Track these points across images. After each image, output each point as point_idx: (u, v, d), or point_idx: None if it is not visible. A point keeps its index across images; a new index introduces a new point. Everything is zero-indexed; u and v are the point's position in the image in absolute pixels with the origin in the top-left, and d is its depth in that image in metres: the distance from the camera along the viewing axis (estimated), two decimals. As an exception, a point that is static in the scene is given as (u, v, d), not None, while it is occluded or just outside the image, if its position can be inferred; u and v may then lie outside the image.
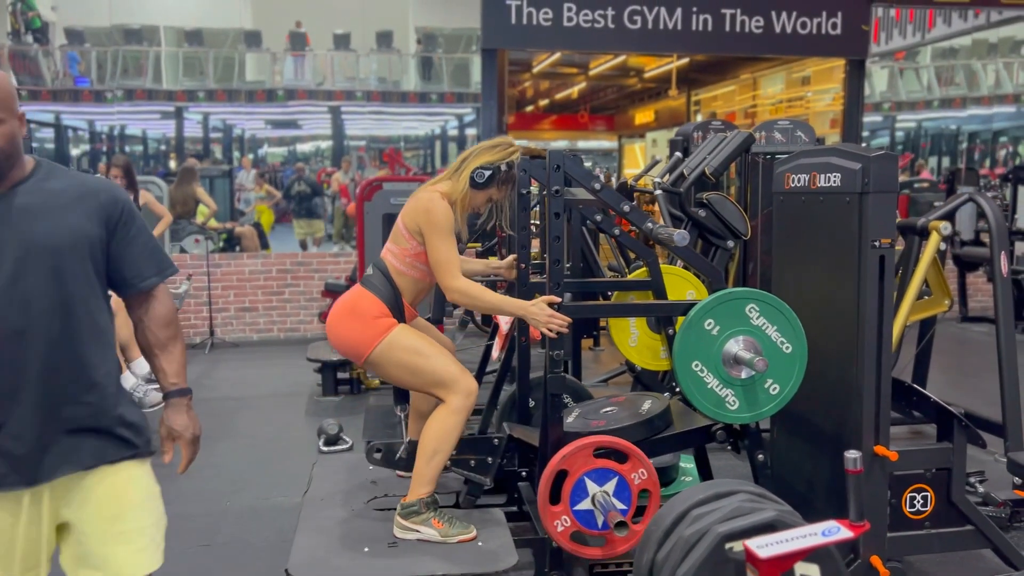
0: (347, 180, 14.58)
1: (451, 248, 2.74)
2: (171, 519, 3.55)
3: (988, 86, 20.69)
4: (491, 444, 3.01)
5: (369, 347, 2.77)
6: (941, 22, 10.30)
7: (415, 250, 2.82)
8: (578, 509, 2.66)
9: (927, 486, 2.89)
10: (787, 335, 2.74)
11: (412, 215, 2.80)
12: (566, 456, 2.64)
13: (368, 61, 18.42)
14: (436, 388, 2.77)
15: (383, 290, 2.83)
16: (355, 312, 2.81)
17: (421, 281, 2.89)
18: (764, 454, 2.87)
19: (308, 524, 2.85)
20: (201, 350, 7.02)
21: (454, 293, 2.73)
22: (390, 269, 2.86)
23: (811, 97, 13.94)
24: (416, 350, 2.77)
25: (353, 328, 2.80)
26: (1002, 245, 4.35)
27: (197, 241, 8.01)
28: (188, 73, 18.72)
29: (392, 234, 2.90)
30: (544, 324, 2.66)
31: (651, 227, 2.74)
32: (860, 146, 2.95)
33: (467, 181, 2.83)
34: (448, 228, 2.75)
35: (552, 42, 7.76)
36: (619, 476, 2.67)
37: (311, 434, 4.73)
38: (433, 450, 2.75)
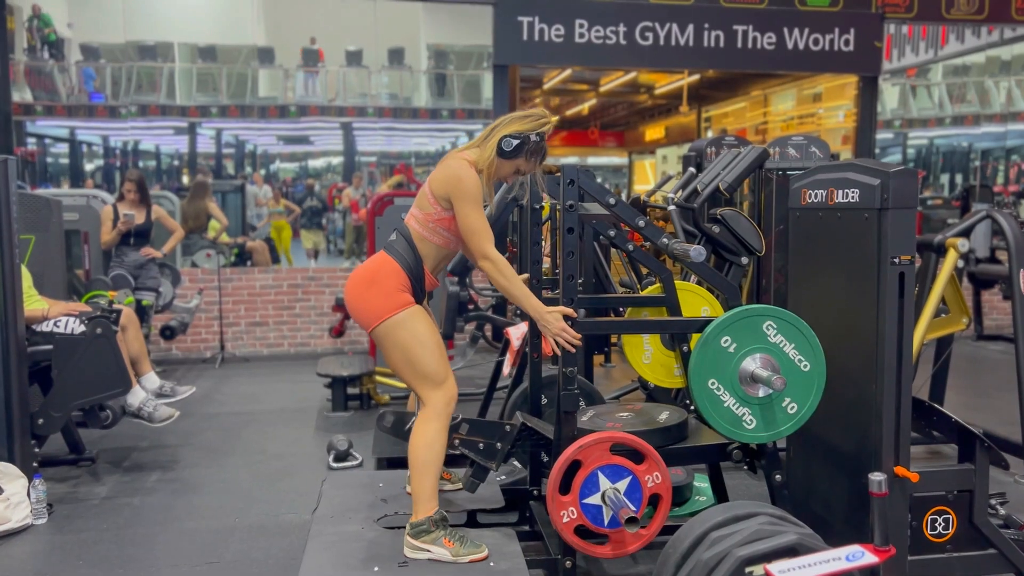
0: (358, 196, 14.60)
1: (482, 216, 2.70)
2: (179, 535, 3.55)
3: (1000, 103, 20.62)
4: (502, 429, 2.96)
5: (380, 318, 2.73)
6: (954, 39, 10.29)
7: (439, 215, 2.78)
8: (587, 503, 2.60)
9: (949, 508, 2.83)
10: (805, 353, 2.69)
11: (441, 181, 2.76)
12: (583, 447, 2.59)
13: (380, 77, 18.52)
14: (422, 382, 2.74)
15: (406, 256, 2.79)
16: (375, 280, 2.77)
17: (444, 248, 2.85)
18: (782, 474, 2.82)
19: (317, 542, 2.81)
20: (211, 365, 7.00)
21: (486, 262, 2.69)
22: (413, 235, 2.82)
23: (822, 114, 13.91)
24: (420, 339, 2.74)
25: (371, 295, 2.76)
26: (1021, 263, 4.30)
27: (209, 256, 8.01)
28: (201, 89, 18.86)
29: (417, 199, 2.86)
30: (555, 335, 2.62)
31: (666, 243, 2.71)
32: (879, 161, 2.91)
33: (495, 149, 2.78)
34: (478, 196, 2.71)
35: (564, 58, 7.76)
36: (633, 476, 2.61)
37: (320, 450, 4.69)
38: (423, 463, 2.71)
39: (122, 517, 3.74)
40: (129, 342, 4.40)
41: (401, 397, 5.73)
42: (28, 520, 3.59)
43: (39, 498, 3.65)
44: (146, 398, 4.31)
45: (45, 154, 19.69)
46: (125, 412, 4.32)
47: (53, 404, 3.93)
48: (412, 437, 2.75)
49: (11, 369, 3.69)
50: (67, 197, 6.33)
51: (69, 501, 3.93)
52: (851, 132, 11.85)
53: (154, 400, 4.34)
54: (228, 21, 20.16)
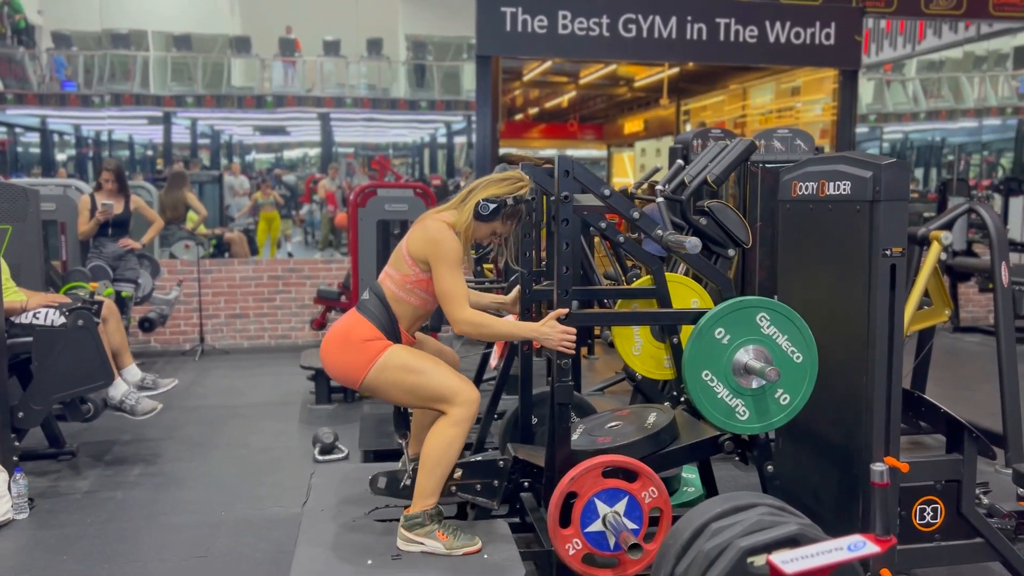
0: (334, 187, 14.51)
1: (459, 279, 2.70)
2: (165, 529, 3.51)
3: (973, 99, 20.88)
4: (496, 467, 2.95)
5: (363, 371, 2.71)
6: (931, 34, 10.38)
7: (417, 277, 2.77)
8: (589, 531, 2.60)
9: (937, 498, 2.86)
10: (798, 344, 2.70)
11: (419, 243, 2.75)
12: (575, 478, 2.59)
13: (358, 68, 18.37)
14: (436, 403, 2.72)
15: (379, 316, 2.78)
16: (348, 339, 2.76)
17: (420, 308, 2.84)
18: (773, 465, 2.83)
19: (308, 536, 2.79)
20: (191, 357, 6.93)
21: (463, 325, 2.68)
22: (388, 295, 2.81)
23: (800, 108, 13.99)
24: (410, 368, 2.71)
25: (345, 354, 2.75)
26: (1003, 256, 4.34)
27: (187, 247, 7.93)
28: (176, 78, 18.61)
29: (393, 259, 2.85)
30: (558, 343, 2.62)
31: (660, 234, 2.71)
32: (870, 154, 2.93)
33: (471, 212, 2.78)
34: (456, 259, 2.70)
35: (547, 50, 7.74)
36: (629, 495, 2.61)
37: (305, 443, 4.65)
38: (435, 462, 2.69)
39: (105, 511, 3.69)
40: (110, 334, 4.34)
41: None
42: (9, 515, 3.53)
43: (20, 492, 3.60)
44: (128, 391, 4.25)
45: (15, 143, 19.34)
46: (107, 405, 4.27)
47: (34, 397, 3.86)
48: (431, 433, 2.72)
49: (-9, 362, 3.63)
50: (43, 187, 6.22)
51: (51, 495, 3.87)
52: (829, 126, 11.93)
53: (136, 393, 4.28)
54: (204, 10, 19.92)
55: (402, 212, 6.44)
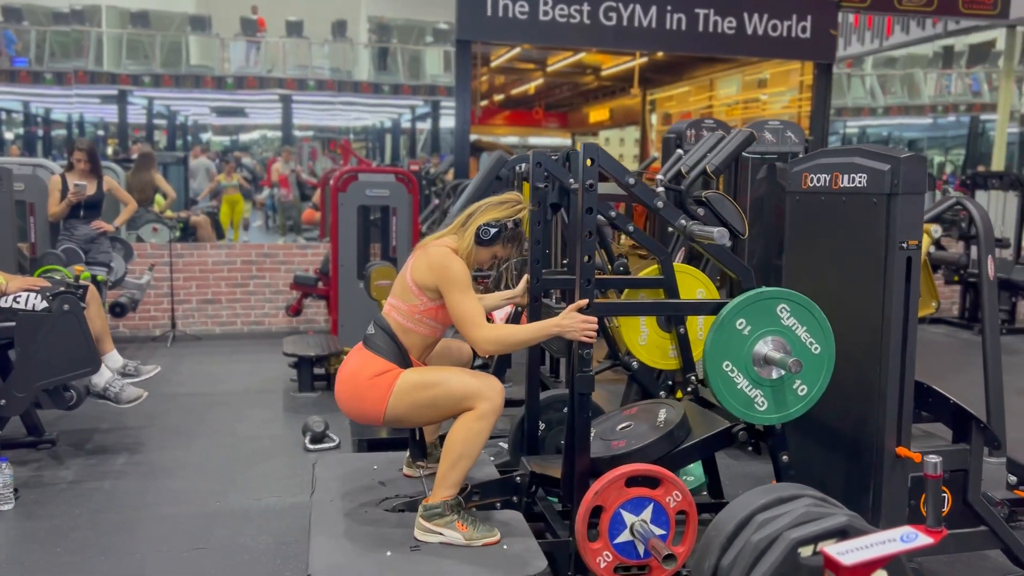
0: (287, 170, 14.23)
1: (473, 301, 2.66)
2: (160, 520, 3.41)
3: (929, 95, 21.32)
4: (514, 484, 2.94)
5: (381, 407, 2.68)
6: (899, 30, 10.54)
7: (425, 306, 2.73)
8: (618, 542, 2.59)
9: (945, 487, 2.90)
10: (816, 336, 2.71)
11: (425, 271, 2.71)
12: (599, 492, 2.57)
13: (321, 50, 18.06)
14: (460, 406, 2.67)
15: (387, 350, 2.73)
16: (357, 381, 2.72)
17: (430, 337, 2.81)
18: (789, 455, 2.84)
19: (321, 527, 2.73)
20: (162, 343, 6.77)
21: (485, 344, 2.64)
22: (395, 327, 2.76)
23: (767, 100, 14.13)
24: (424, 384, 2.67)
25: (360, 397, 2.71)
26: (988, 249, 4.42)
27: (155, 230, 7.75)
28: (132, 56, 18.11)
29: (396, 290, 2.81)
30: (580, 334, 2.59)
31: (684, 224, 2.69)
32: (886, 147, 2.95)
33: (472, 238, 2.76)
34: (467, 282, 2.67)
35: (527, 36, 7.69)
36: (654, 502, 2.60)
37: (292, 431, 4.57)
38: (459, 454, 2.65)
39: (94, 502, 3.59)
40: (92, 319, 4.20)
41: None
42: (-6, 506, 3.41)
43: (6, 483, 3.47)
44: (112, 378, 4.13)
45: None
46: (89, 392, 4.14)
47: (16, 384, 3.73)
48: (457, 425, 2.67)
49: (-27, 347, 3.49)
50: (12, 166, 6.00)
51: (34, 485, 3.74)
52: (796, 118, 12.08)
53: (120, 380, 4.16)
54: (162, -14, 19.36)
55: (383, 197, 6.36)
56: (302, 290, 6.88)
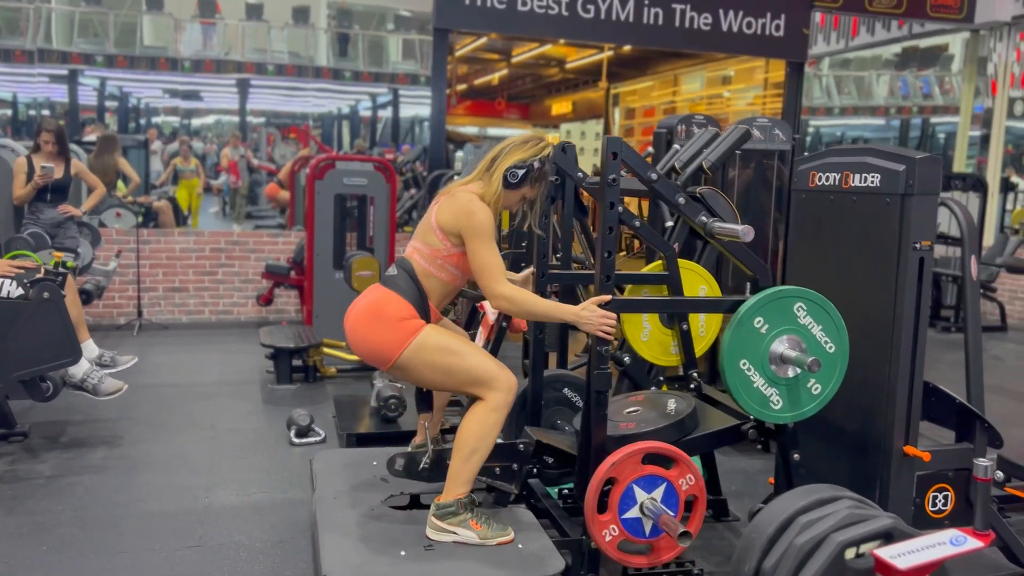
0: (236, 156, 13.93)
1: (495, 252, 2.60)
2: (149, 517, 3.30)
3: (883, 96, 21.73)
4: (517, 451, 2.88)
5: (397, 351, 2.59)
6: (865, 31, 10.71)
7: (448, 251, 2.67)
8: (626, 518, 2.57)
9: (948, 486, 2.93)
10: (831, 334, 2.72)
11: (450, 215, 2.64)
12: (615, 464, 2.54)
13: (281, 34, 17.71)
14: (474, 387, 2.62)
15: (409, 291, 2.66)
16: (380, 315, 2.63)
17: (450, 284, 2.74)
18: (799, 453, 2.85)
19: (329, 526, 2.66)
20: (128, 332, 6.57)
21: (500, 300, 2.58)
22: (417, 270, 2.69)
23: (730, 96, 14.26)
24: (449, 349, 2.61)
25: (378, 332, 2.62)
26: (972, 249, 4.50)
27: (119, 215, 7.50)
28: (83, 35, 17.56)
29: (420, 232, 2.73)
30: (598, 328, 2.55)
31: (705, 221, 2.67)
32: (899, 147, 2.96)
33: (500, 182, 2.69)
34: (491, 231, 2.61)
35: (505, 26, 7.60)
36: (667, 483, 2.58)
37: (274, 424, 4.47)
38: (472, 449, 2.60)
39: (76, 497, 3.45)
40: (68, 306, 4.05)
41: (350, 370, 5.53)
42: (-29, 502, 3.26)
43: (-17, 478, 3.33)
44: (90, 369, 3.99)
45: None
46: (66, 383, 3.98)
47: (-8, 375, 3.57)
48: (467, 419, 2.62)
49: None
50: (-28, 146, 5.76)
51: (9, 480, 3.59)
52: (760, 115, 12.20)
53: (99, 371, 4.02)
54: (113, -37, 18.76)
55: (361, 186, 6.26)
56: (274, 279, 6.74)
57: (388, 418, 4.26)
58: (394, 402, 4.23)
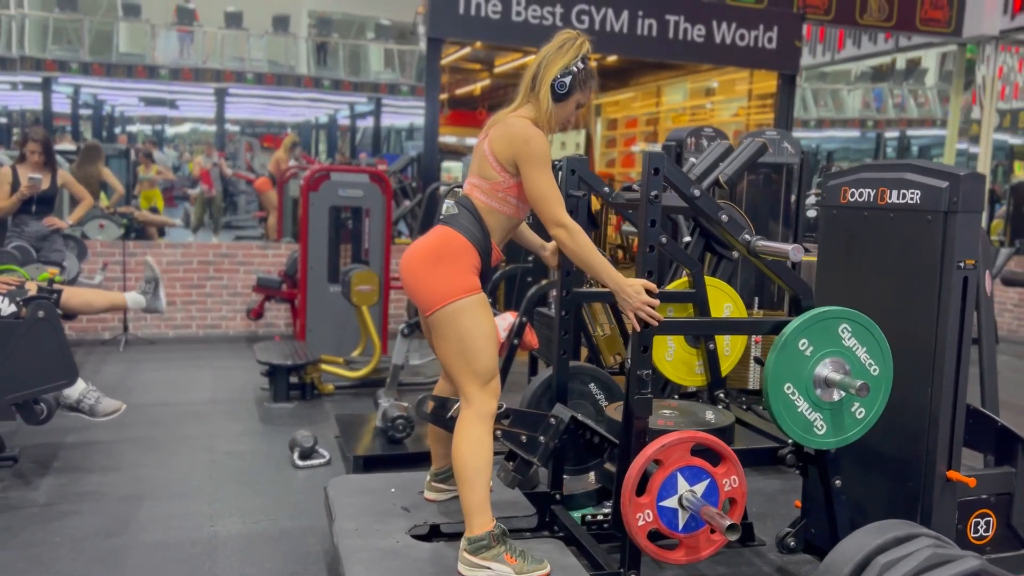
0: (209, 165, 13.67)
1: (552, 179, 2.49)
2: (153, 548, 3.13)
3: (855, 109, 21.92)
4: (546, 422, 2.74)
5: (445, 300, 2.48)
6: (851, 44, 10.75)
7: (507, 183, 2.55)
8: (663, 505, 2.45)
9: (990, 511, 2.86)
10: (875, 357, 2.63)
11: (504, 143, 2.52)
12: (665, 446, 2.42)
13: (260, 42, 17.50)
14: (472, 378, 2.50)
15: (473, 231, 2.55)
16: (443, 256, 2.51)
17: (512, 218, 2.63)
18: (841, 479, 2.75)
19: (356, 560, 2.52)
20: (114, 347, 6.36)
21: (561, 230, 2.45)
22: (479, 206, 2.57)
23: (712, 108, 14.26)
24: (483, 331, 2.50)
25: (438, 274, 2.50)
26: (987, 264, 4.45)
27: (102, 226, 7.29)
28: (56, 41, 17.23)
29: (476, 167, 2.61)
30: (634, 308, 2.43)
31: (749, 239, 2.57)
32: (940, 164, 2.89)
33: (549, 97, 2.55)
34: (548, 157, 2.50)
35: (499, 36, 7.52)
36: (711, 479, 2.48)
37: (274, 446, 4.31)
38: (473, 471, 2.47)
39: (73, 527, 3.27)
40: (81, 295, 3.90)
41: (348, 387, 5.37)
42: (-37, 534, 3.08)
43: (-25, 508, 3.14)
44: (86, 389, 3.81)
45: None
46: (60, 404, 3.80)
47: (-16, 398, 3.39)
48: (456, 443, 2.50)
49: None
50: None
51: (3, 509, 3.40)
52: (743, 126, 12.21)
53: (96, 391, 3.84)
54: (87, -31, 18.46)
55: (356, 198, 6.12)
56: (265, 293, 6.57)
57: (395, 439, 4.12)
58: (401, 422, 4.09)
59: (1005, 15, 8.54)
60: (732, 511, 2.54)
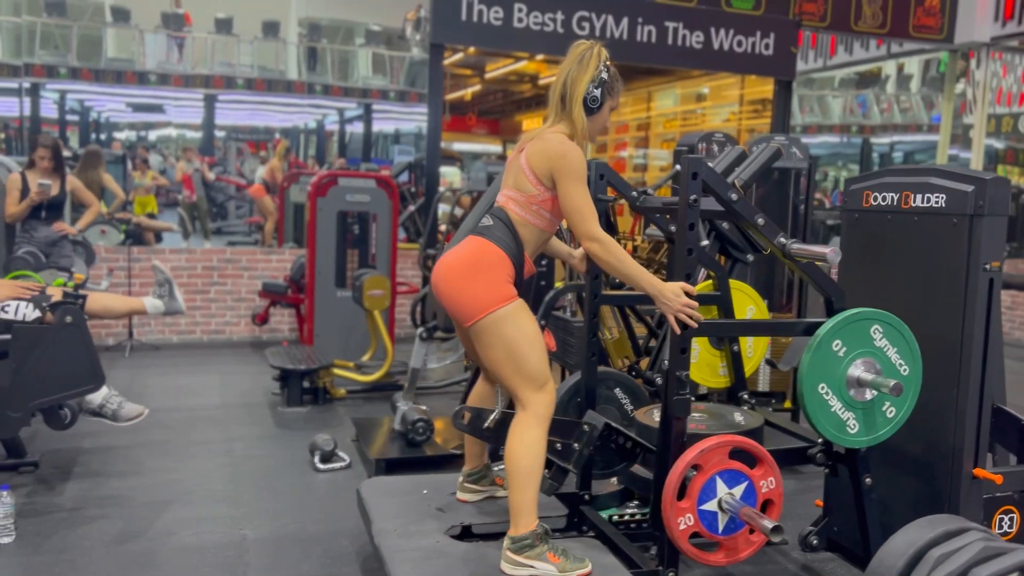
0: (191, 170, 13.60)
1: (587, 194, 2.53)
2: (186, 552, 3.15)
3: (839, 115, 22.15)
4: (580, 429, 2.78)
5: (485, 310, 2.49)
6: (843, 51, 10.88)
7: (543, 196, 2.59)
8: (703, 509, 2.50)
9: (1015, 508, 2.92)
10: (905, 357, 2.69)
11: (542, 157, 2.56)
12: (704, 451, 2.47)
13: (250, 48, 17.46)
14: (525, 383, 2.53)
15: (508, 242, 2.58)
16: (479, 267, 2.54)
17: (545, 232, 2.67)
18: (871, 478, 2.81)
19: (400, 560, 2.55)
20: (120, 353, 6.35)
21: (595, 243, 2.49)
22: (513, 218, 2.61)
23: (703, 113, 14.36)
24: (527, 334, 2.53)
25: (476, 285, 2.52)
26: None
27: (103, 232, 7.29)
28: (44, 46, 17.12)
29: (512, 180, 2.64)
30: (675, 311, 2.47)
31: (783, 242, 2.62)
32: (965, 167, 2.96)
33: (582, 113, 2.59)
34: (584, 171, 2.55)
35: (500, 42, 7.55)
36: (749, 481, 2.53)
37: (293, 450, 4.32)
38: (526, 472, 2.50)
39: (103, 532, 3.28)
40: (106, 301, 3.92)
41: (359, 391, 5.39)
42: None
43: (7, 513, 3.14)
44: (109, 394, 3.81)
45: None
46: (82, 410, 3.80)
47: (11, 403, 3.38)
48: (511, 444, 2.53)
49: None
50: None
51: (29, 514, 3.40)
52: (735, 131, 12.30)
53: (118, 396, 3.84)
54: (77, -26, 18.37)
55: (363, 203, 6.15)
56: (271, 298, 6.58)
57: (414, 442, 4.14)
58: (421, 425, 4.12)
59: (996, 22, 8.68)
60: (769, 512, 2.59)
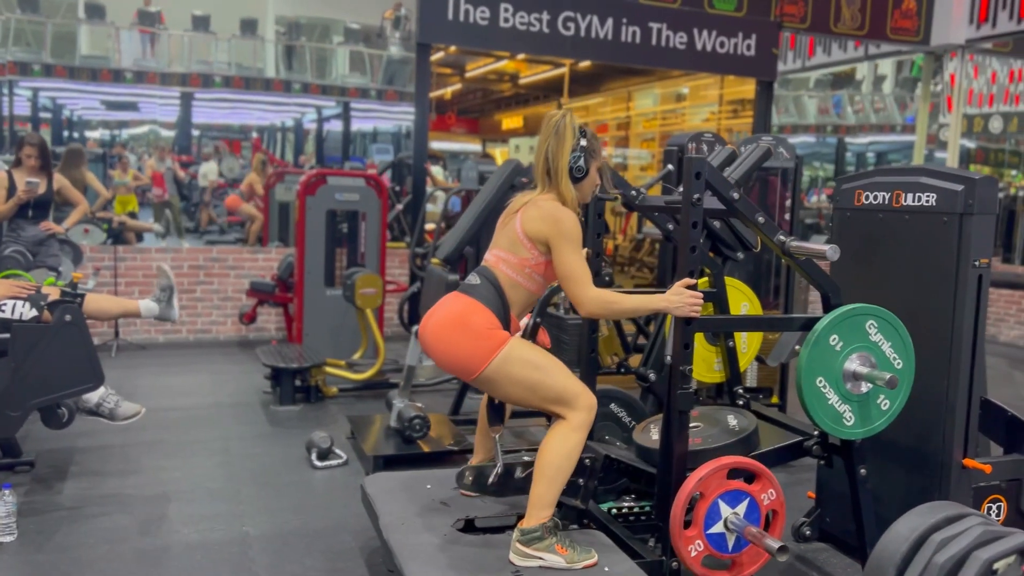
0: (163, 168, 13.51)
1: (582, 259, 2.59)
2: (190, 549, 3.17)
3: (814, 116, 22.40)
4: (583, 465, 2.85)
5: (484, 362, 2.54)
6: (821, 52, 11.03)
7: (536, 260, 2.63)
8: (711, 533, 2.58)
9: (1002, 496, 3.02)
10: (899, 351, 2.77)
11: (538, 223, 2.60)
12: (702, 479, 2.55)
13: (228, 45, 17.33)
14: (556, 405, 2.59)
15: (492, 301, 2.62)
16: (465, 325, 2.58)
17: (534, 294, 2.71)
18: (866, 468, 2.89)
19: (409, 554, 2.59)
20: (106, 353, 6.31)
21: (591, 304, 2.56)
22: (502, 280, 2.65)
23: (683, 113, 14.48)
24: (535, 363, 2.59)
25: (464, 342, 2.57)
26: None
27: (86, 231, 7.25)
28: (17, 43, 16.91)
29: (506, 244, 2.67)
30: (688, 309, 2.57)
31: (783, 240, 2.69)
32: (956, 168, 3.05)
33: (570, 184, 2.64)
34: (579, 237, 2.59)
35: (487, 42, 7.59)
36: (750, 497, 2.61)
37: (289, 448, 4.34)
38: (555, 471, 2.56)
39: (105, 529, 3.29)
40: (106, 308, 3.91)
41: (351, 389, 5.41)
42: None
43: (9, 512, 3.14)
44: (106, 392, 3.81)
45: None
46: (79, 408, 3.80)
47: (10, 402, 3.38)
48: (547, 443, 2.57)
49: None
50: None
51: (29, 513, 3.40)
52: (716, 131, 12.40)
53: (115, 395, 3.85)
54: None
55: (353, 202, 6.16)
56: (258, 297, 6.58)
57: (410, 439, 4.18)
58: (418, 422, 4.16)
59: (971, 25, 8.85)
60: (775, 522, 2.66)
